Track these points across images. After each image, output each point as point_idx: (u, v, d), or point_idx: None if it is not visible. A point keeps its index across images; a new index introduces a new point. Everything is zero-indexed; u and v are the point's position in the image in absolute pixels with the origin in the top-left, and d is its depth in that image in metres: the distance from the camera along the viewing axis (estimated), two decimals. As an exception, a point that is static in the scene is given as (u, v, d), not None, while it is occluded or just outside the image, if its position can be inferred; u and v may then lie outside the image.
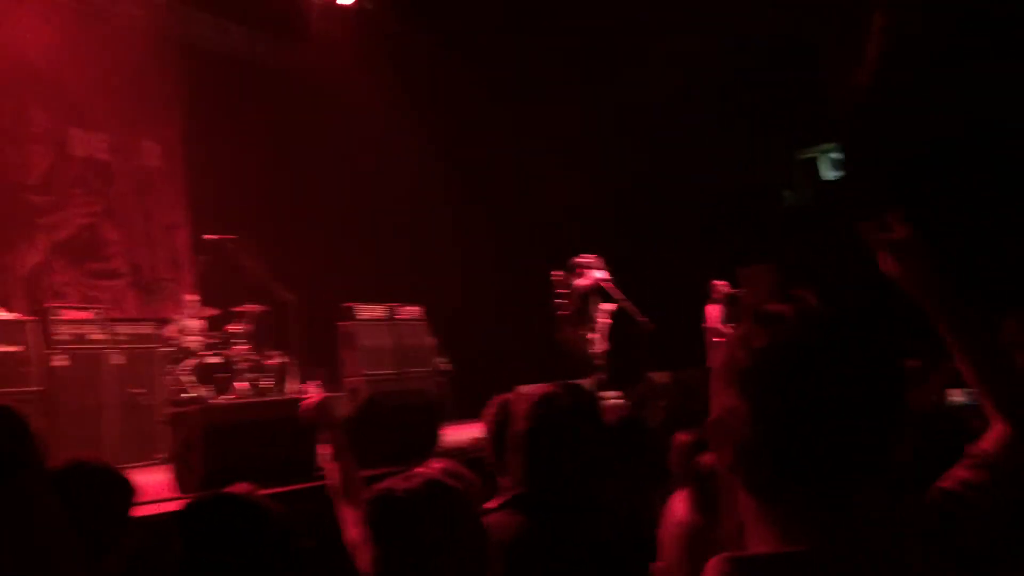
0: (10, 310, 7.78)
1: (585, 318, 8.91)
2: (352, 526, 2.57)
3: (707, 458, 2.01)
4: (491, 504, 2.37)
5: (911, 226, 1.67)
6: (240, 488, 1.90)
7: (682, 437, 3.01)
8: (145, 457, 7.21)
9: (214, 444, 4.51)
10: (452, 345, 10.47)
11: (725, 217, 12.07)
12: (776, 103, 12.04)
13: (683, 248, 11.68)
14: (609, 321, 8.95)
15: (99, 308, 7.89)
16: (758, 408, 0.97)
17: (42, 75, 9.73)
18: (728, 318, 10.63)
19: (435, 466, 2.76)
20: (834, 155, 13.79)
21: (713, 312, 10.58)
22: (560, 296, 9.05)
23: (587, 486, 2.29)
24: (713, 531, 1.57)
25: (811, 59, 11.90)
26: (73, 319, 7.37)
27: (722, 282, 10.72)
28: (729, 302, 10.70)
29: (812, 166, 13.99)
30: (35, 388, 6.82)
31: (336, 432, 2.75)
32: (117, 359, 7.47)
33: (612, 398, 8.04)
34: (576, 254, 9.36)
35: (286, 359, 8.98)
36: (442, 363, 10.05)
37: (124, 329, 7.75)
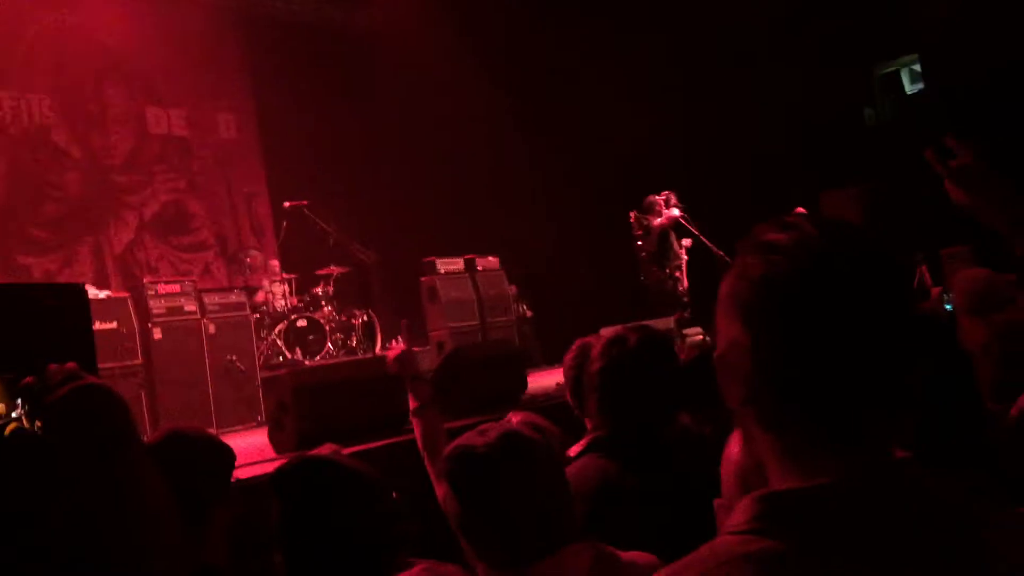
0: (107, 288, 8.11)
1: (666, 256, 8.81)
2: (438, 482, 2.63)
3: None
4: (575, 448, 2.41)
5: (973, 152, 1.62)
6: (325, 449, 1.95)
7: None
8: (246, 420, 7.48)
9: (305, 405, 4.63)
10: (535, 292, 10.53)
11: (805, 141, 11.73)
12: (852, 16, 11.60)
13: (763, 176, 11.41)
14: (686, 257, 8.85)
15: (190, 280, 8.14)
16: (761, 340, 0.96)
17: (117, 57, 10.00)
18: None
19: (513, 419, 2.80)
20: (916, 67, 13.24)
21: (795, 241, 10.37)
22: (639, 236, 8.96)
23: (664, 425, 2.31)
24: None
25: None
26: (167, 292, 7.63)
27: (802, 209, 10.47)
28: (811, 229, 10.46)
29: (894, 81, 13.47)
30: (137, 361, 7.11)
31: (419, 385, 2.79)
32: (210, 329, 7.71)
33: (695, 335, 7.98)
34: (653, 191, 9.25)
35: (371, 317, 9.15)
36: (524, 310, 10.13)
37: (215, 299, 7.98)
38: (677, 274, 8.80)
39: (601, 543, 1.73)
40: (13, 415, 1.29)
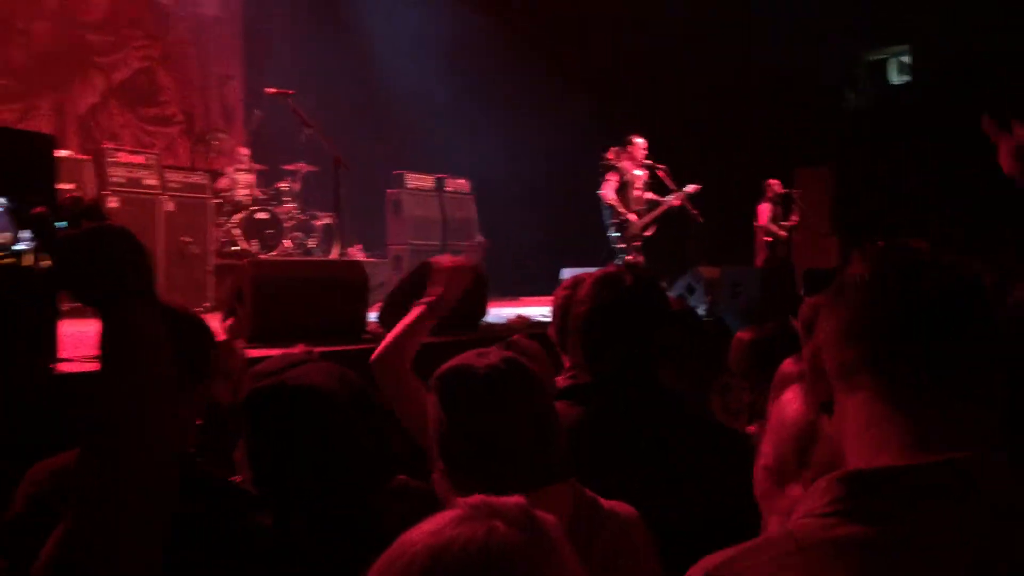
0: (65, 149, 7.82)
1: (628, 199, 8.63)
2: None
3: (786, 365, 1.96)
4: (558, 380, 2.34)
5: None
6: (297, 349, 1.84)
7: (742, 335, 2.96)
8: (194, 304, 7.32)
9: (265, 297, 4.51)
10: (495, 221, 10.43)
11: (784, 114, 11.72)
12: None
13: (739, 143, 11.39)
14: (656, 204, 8.66)
15: (154, 153, 7.89)
16: (874, 316, 0.96)
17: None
18: (779, 218, 10.46)
19: (514, 338, 2.68)
20: (904, 58, 13.26)
21: (765, 211, 10.42)
22: (606, 173, 8.72)
23: (649, 373, 2.22)
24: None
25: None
26: (128, 162, 7.39)
27: (776, 181, 10.51)
28: (782, 202, 10.52)
29: (880, 68, 13.48)
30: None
31: (441, 304, 2.52)
32: (168, 206, 7.51)
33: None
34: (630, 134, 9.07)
35: (333, 221, 8.99)
36: (481, 238, 10.05)
37: (176, 177, 7.75)
38: (633, 218, 8.55)
39: (582, 487, 1.69)
40: (17, 247, 1.18)
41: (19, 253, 1.19)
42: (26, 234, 1.18)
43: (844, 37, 12.19)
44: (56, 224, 1.16)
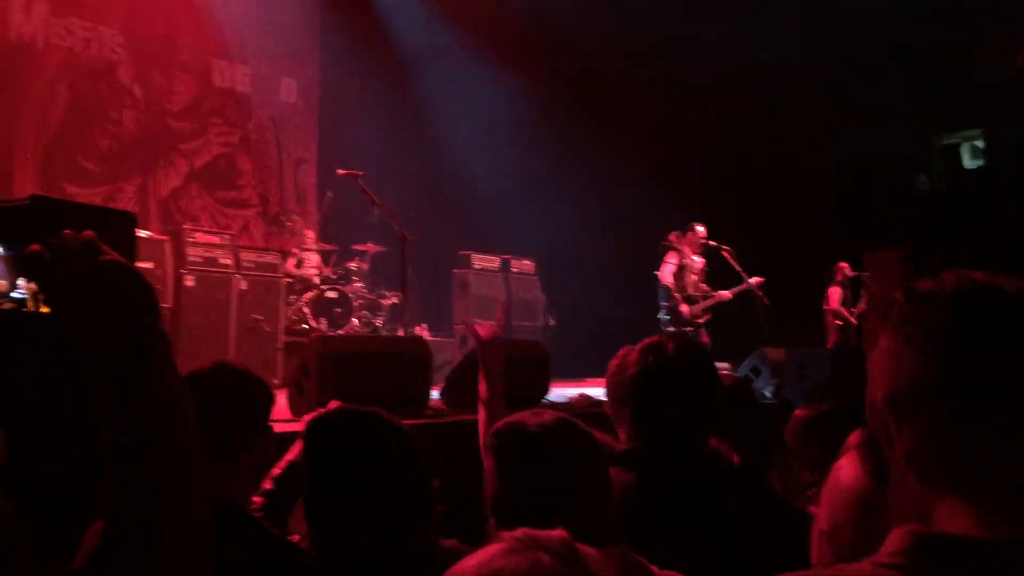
0: (147, 230, 8.15)
1: (684, 284, 8.58)
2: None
3: (854, 437, 1.94)
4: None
5: None
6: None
7: (800, 413, 2.93)
8: (262, 381, 7.45)
9: (328, 372, 4.60)
10: (560, 301, 10.47)
11: (856, 197, 11.65)
12: (922, 82, 11.51)
13: (810, 226, 11.32)
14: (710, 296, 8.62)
15: (230, 234, 8.16)
16: (959, 361, 0.91)
17: (191, 4, 10.08)
18: (849, 301, 10.31)
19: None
20: (977, 143, 13.12)
21: (835, 294, 10.28)
22: (665, 254, 8.69)
23: (698, 440, 2.21)
24: (885, 496, 1.50)
25: (966, 39, 11.32)
26: (205, 242, 7.66)
27: (846, 264, 10.40)
28: (852, 285, 10.38)
29: (953, 153, 13.35)
30: (166, 305, 7.13)
31: (494, 376, 2.65)
32: (242, 285, 7.73)
33: (721, 369, 7.82)
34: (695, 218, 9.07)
35: (401, 300, 9.13)
36: (549, 319, 10.09)
37: (250, 257, 8.00)
38: (683, 308, 8.45)
39: (631, 550, 1.68)
40: (14, 295, 1.07)
41: (21, 300, 1.08)
42: (23, 281, 1.08)
43: (917, 121, 12.14)
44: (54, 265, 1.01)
